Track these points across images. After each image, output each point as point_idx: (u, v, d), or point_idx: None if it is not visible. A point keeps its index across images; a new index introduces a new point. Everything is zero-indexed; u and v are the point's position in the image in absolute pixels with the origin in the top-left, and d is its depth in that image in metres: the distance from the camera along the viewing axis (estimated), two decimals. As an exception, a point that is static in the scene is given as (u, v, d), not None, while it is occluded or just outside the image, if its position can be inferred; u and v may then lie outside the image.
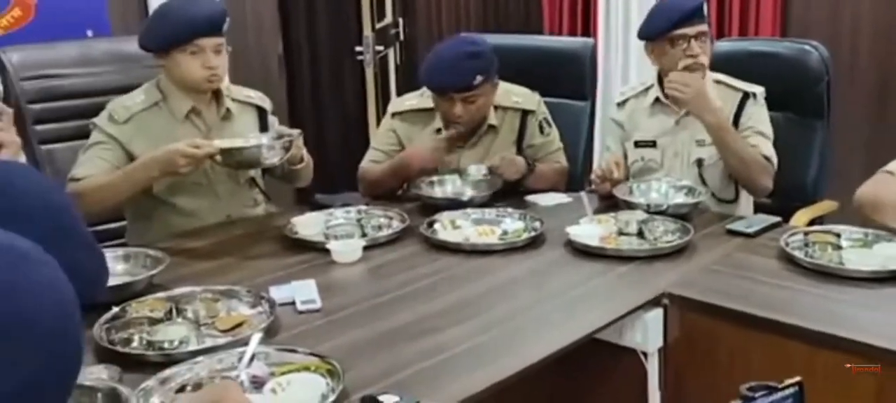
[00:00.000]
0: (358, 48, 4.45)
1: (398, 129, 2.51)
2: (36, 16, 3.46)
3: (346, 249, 1.91)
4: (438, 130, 2.44)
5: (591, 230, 2.02)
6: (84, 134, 2.41)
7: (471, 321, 1.59)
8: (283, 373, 1.33)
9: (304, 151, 2.32)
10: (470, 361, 1.44)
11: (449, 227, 2.08)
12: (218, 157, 2.06)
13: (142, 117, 2.16)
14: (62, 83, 2.46)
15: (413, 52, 5.07)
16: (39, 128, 2.40)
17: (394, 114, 2.53)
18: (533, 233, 2.04)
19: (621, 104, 2.47)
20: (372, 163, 2.52)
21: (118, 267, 1.79)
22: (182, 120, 2.19)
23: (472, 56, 2.30)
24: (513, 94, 2.47)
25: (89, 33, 3.59)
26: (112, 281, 1.38)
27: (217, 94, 2.24)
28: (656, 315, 1.67)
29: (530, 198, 2.42)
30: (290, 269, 1.87)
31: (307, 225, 2.13)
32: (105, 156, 2.12)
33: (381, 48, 4.43)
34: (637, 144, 2.40)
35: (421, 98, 2.51)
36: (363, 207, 2.26)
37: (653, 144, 2.36)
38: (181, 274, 1.82)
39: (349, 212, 2.23)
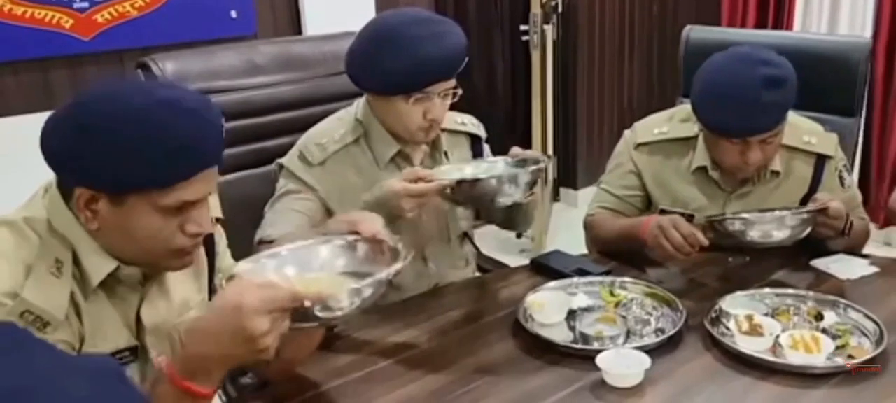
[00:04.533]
0: (523, 27, 3.91)
1: (642, 167, 1.94)
2: (171, -5, 3.02)
3: (625, 371, 1.39)
4: (701, 169, 1.88)
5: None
6: (252, 162, 1.98)
7: None
8: None
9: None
10: None
11: (745, 325, 1.53)
12: (448, 191, 1.58)
13: (338, 158, 1.69)
14: (224, 99, 2.00)
15: (573, 26, 4.48)
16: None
17: (638, 145, 1.95)
18: (868, 346, 1.47)
19: None
20: (603, 210, 1.98)
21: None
22: (385, 164, 1.71)
23: (774, 84, 1.67)
24: (803, 132, 1.87)
25: (233, 14, 3.17)
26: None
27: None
28: None
29: (819, 263, 1.84)
30: (551, 396, 1.37)
31: (547, 309, 1.61)
32: (300, 208, 1.66)
33: (547, 27, 3.86)
34: None
35: (671, 123, 1.94)
36: (611, 279, 1.73)
37: None
38: (408, 397, 1.35)
39: (593, 287, 1.71)
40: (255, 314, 1.03)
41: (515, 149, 1.71)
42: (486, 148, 1.91)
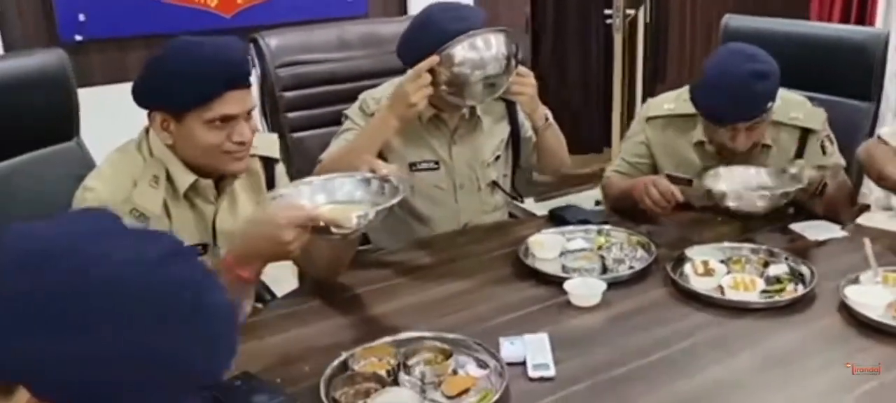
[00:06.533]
0: (607, 11, 4.21)
1: (651, 138, 2.27)
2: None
3: (586, 293, 1.76)
4: (700, 143, 2.18)
5: (874, 294, 1.71)
6: (335, 120, 2.42)
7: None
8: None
9: (553, 122, 2.19)
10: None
11: (701, 269, 1.86)
12: (443, 78, 1.94)
13: None
14: (316, 69, 2.48)
15: (664, 11, 4.71)
16: (291, 115, 2.45)
17: (648, 119, 2.28)
18: (801, 290, 1.77)
19: None
20: (616, 174, 2.33)
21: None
22: (425, 123, 2.13)
23: (760, 77, 1.96)
24: (791, 108, 2.14)
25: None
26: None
27: None
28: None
29: (795, 226, 2.11)
30: (522, 309, 1.76)
31: (544, 247, 2.00)
32: (352, 139, 2.10)
33: (631, 12, 4.14)
34: None
35: (678, 101, 2.25)
36: (605, 227, 2.10)
37: None
38: (410, 303, 1.79)
39: (589, 233, 2.08)
40: (281, 227, 1.45)
41: None
42: (520, 112, 2.28)
